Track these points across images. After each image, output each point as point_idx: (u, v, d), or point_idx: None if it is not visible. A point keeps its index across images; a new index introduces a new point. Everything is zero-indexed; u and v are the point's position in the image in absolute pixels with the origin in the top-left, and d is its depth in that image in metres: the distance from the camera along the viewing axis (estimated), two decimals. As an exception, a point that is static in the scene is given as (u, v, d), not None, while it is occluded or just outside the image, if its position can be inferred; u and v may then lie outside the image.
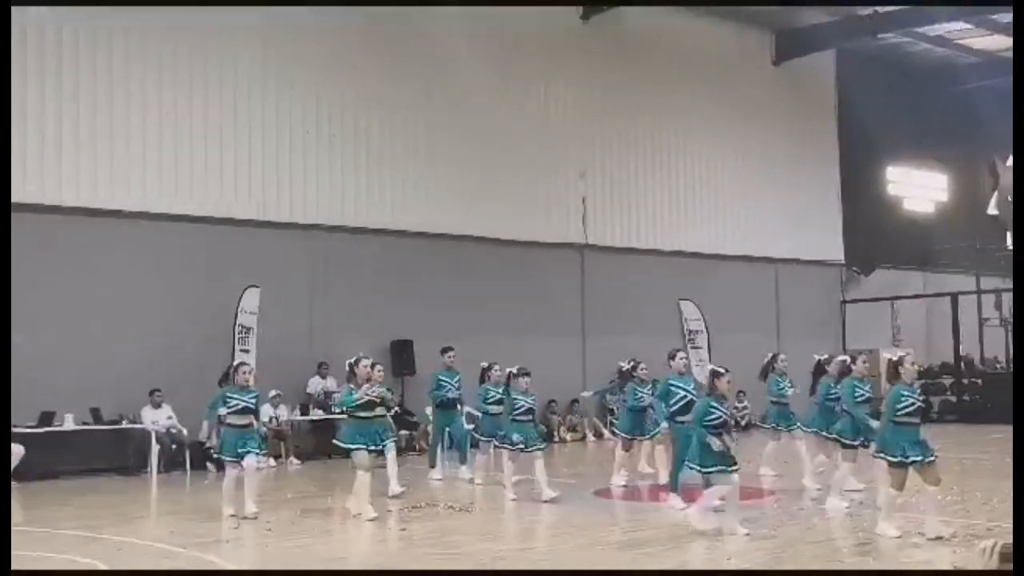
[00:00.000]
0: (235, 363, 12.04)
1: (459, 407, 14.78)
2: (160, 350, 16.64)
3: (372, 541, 9.97)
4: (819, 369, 12.73)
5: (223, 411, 11.35)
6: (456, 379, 14.54)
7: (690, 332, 23.29)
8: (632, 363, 13.63)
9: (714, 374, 9.95)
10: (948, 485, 10.89)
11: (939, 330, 26.42)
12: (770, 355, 13.80)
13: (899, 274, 27.90)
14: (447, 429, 14.98)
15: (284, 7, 18.27)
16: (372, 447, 11.17)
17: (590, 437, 20.87)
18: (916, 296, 27.53)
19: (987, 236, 27.08)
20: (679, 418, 11.24)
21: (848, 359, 12.37)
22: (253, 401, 11.35)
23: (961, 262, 26.96)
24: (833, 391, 12.27)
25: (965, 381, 25.19)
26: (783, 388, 13.49)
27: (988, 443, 18.09)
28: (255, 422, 11.40)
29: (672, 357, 11.71)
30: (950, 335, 25.24)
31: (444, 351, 14.76)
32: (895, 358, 9.60)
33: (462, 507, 11.68)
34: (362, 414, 11.23)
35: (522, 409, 12.24)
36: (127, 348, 16.47)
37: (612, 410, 20.29)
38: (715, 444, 9.57)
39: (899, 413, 9.29)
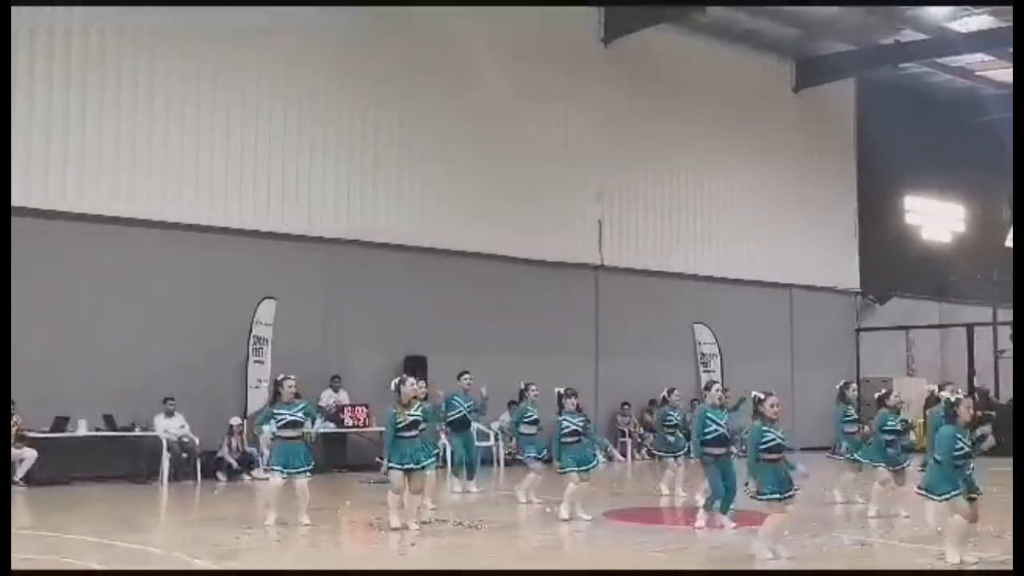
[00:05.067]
0: (279, 378, 11.89)
1: (470, 426, 15.36)
2: (175, 359, 16.70)
3: (381, 554, 9.96)
4: None
5: (272, 429, 11.43)
6: (469, 403, 15.06)
7: (703, 356, 23.24)
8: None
9: (757, 401, 9.74)
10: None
11: (954, 361, 26.28)
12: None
13: (915, 304, 27.81)
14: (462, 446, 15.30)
15: (307, 20, 18.39)
16: (412, 466, 10.89)
17: (601, 458, 20.69)
18: (931, 326, 27.41)
19: (1004, 268, 26.94)
20: (709, 449, 11.23)
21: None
22: (300, 414, 11.44)
23: (978, 293, 26.84)
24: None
25: (979, 413, 24.97)
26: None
27: (1003, 475, 17.84)
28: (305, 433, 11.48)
29: (708, 388, 11.83)
30: (965, 366, 25.11)
31: (460, 375, 15.24)
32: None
33: (472, 524, 11.66)
34: (406, 434, 10.95)
35: (568, 431, 12.16)
36: (142, 356, 16.53)
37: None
38: (801, 470, 9.47)
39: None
